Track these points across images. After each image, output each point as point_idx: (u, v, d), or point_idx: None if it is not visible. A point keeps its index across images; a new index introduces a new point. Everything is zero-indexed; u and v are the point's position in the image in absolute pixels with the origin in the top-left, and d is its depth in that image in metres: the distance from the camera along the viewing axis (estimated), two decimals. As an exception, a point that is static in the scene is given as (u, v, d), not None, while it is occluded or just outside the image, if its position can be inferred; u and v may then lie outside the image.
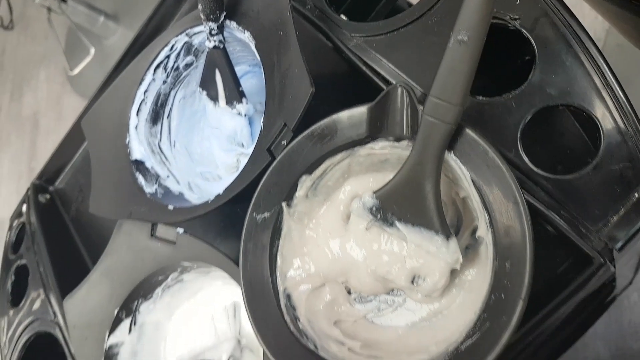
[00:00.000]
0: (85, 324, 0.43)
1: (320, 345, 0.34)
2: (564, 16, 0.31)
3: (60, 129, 2.17)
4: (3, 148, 2.41)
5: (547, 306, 0.32)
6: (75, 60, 1.96)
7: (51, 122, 2.26)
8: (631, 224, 0.30)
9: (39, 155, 2.29)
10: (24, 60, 2.39)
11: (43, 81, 2.30)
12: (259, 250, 0.37)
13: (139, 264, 0.42)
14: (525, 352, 0.45)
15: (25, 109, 2.38)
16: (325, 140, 0.35)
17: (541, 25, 0.32)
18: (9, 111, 2.42)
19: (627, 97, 0.30)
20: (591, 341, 0.85)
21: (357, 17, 0.42)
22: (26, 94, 2.36)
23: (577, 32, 0.31)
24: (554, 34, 0.32)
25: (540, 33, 0.32)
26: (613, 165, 0.30)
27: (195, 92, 0.48)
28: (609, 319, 0.84)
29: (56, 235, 0.58)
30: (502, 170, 0.28)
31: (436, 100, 0.29)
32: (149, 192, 0.44)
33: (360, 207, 0.35)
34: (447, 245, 0.33)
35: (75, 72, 1.94)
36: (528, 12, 0.32)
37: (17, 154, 2.37)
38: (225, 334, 0.42)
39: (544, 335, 0.44)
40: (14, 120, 2.41)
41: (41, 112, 2.30)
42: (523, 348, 0.42)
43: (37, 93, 2.32)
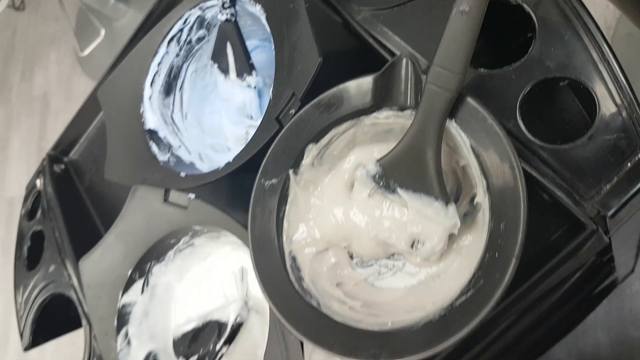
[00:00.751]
0: (99, 283, 0.45)
1: (323, 303, 0.36)
2: (564, -8, 0.33)
3: (70, 109, 2.19)
4: (13, 128, 2.44)
5: (540, 270, 0.34)
6: (86, 42, 1.97)
7: (61, 103, 2.29)
8: (623, 192, 0.31)
9: (49, 135, 2.31)
10: (35, 41, 2.41)
11: (53, 62, 2.32)
12: (267, 214, 0.39)
13: (152, 227, 0.44)
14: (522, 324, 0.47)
15: (35, 89, 2.40)
16: (332, 110, 0.37)
17: (542, 0, 0.33)
18: (20, 91, 2.44)
19: (623, 70, 0.31)
20: (591, 328, 0.86)
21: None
22: (37, 74, 2.38)
23: (576, 7, 0.32)
24: (554, 9, 0.33)
25: (541, 8, 0.33)
26: (607, 135, 0.31)
27: (206, 66, 0.50)
28: (610, 307, 0.85)
29: (70, 204, 0.60)
30: (500, 136, 0.30)
31: (439, 69, 0.31)
32: (162, 160, 0.45)
33: (364, 174, 0.37)
34: (446, 211, 0.34)
35: (86, 53, 1.95)
36: (530, -13, 0.34)
37: (28, 134, 2.40)
38: (232, 296, 0.44)
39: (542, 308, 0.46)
40: (25, 100, 2.44)
41: (51, 93, 2.32)
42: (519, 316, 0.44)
43: (48, 74, 2.34)
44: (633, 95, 0.31)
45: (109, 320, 0.45)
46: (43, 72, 2.34)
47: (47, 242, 0.58)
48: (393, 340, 0.32)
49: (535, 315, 0.47)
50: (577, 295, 0.55)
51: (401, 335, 0.32)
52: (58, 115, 2.26)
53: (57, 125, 2.24)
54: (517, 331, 0.48)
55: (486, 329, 0.39)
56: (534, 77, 0.33)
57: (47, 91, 2.33)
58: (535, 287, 0.35)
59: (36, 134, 2.37)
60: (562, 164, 0.32)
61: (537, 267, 0.34)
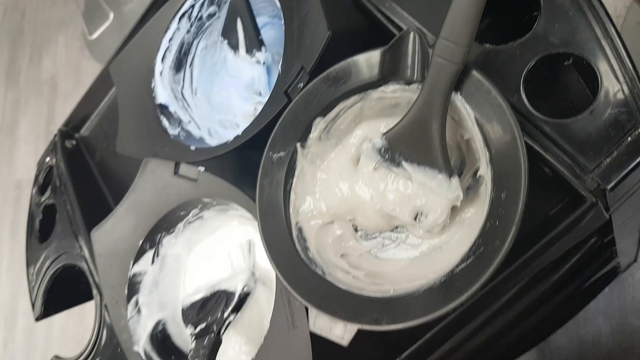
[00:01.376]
0: (111, 253, 0.47)
1: (328, 272, 0.37)
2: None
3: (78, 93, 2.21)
4: (22, 111, 2.46)
5: (540, 242, 0.35)
6: (94, 25, 1.98)
7: (69, 87, 2.30)
8: (623, 165, 0.32)
9: (57, 119, 2.33)
10: (43, 25, 2.42)
11: (62, 46, 2.33)
12: (274, 186, 0.40)
13: (162, 199, 0.45)
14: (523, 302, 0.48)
15: (44, 72, 2.41)
16: (340, 83, 0.38)
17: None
18: (28, 75, 2.46)
19: (625, 46, 0.32)
20: (592, 316, 0.87)
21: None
22: (45, 58, 2.40)
23: (582, -16, 0.33)
24: (559, -15, 0.34)
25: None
26: (609, 110, 0.32)
27: (216, 43, 0.51)
28: (612, 295, 0.86)
29: (81, 179, 0.61)
30: (503, 108, 0.31)
31: (445, 42, 0.32)
32: (172, 134, 0.46)
33: (370, 148, 0.38)
34: (449, 183, 0.35)
35: (94, 37, 1.96)
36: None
37: (35, 117, 2.42)
38: (240, 267, 0.46)
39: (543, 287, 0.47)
40: (33, 83, 2.45)
41: (59, 76, 2.34)
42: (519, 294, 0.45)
43: (56, 57, 2.35)
44: (635, 71, 0.32)
45: (119, 289, 0.47)
46: (51, 55, 2.36)
47: (59, 215, 0.59)
48: (394, 305, 0.33)
49: (536, 294, 0.48)
50: (578, 277, 0.56)
51: (402, 301, 0.33)
52: (66, 99, 2.28)
53: (65, 109, 2.26)
54: (517, 310, 0.49)
55: (487, 301, 0.40)
56: (538, 53, 0.34)
57: (55, 75, 2.34)
58: (535, 259, 0.36)
59: (44, 118, 2.38)
60: (564, 137, 0.33)
61: (538, 239, 0.35)
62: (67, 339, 2.11)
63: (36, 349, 2.27)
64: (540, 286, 0.47)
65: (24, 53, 2.51)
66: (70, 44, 2.30)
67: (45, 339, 2.27)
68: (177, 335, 0.48)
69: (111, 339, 0.52)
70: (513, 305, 0.47)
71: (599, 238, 0.44)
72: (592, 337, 0.87)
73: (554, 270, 0.46)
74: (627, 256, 0.65)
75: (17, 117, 2.49)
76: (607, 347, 0.86)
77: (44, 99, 2.42)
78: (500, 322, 0.48)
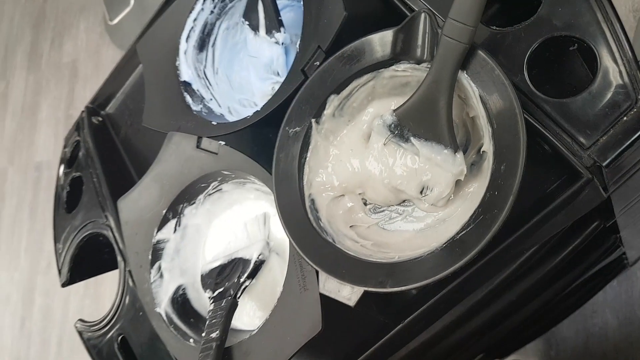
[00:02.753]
0: (136, 220, 0.51)
1: (338, 240, 0.41)
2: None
3: (97, 77, 2.27)
4: (43, 94, 2.53)
5: (538, 215, 0.37)
6: (115, 11, 2.03)
7: (89, 71, 2.36)
8: (618, 143, 0.34)
9: (76, 103, 2.39)
10: (65, 9, 2.48)
11: (82, 31, 2.39)
12: (290, 159, 0.43)
13: (185, 171, 0.49)
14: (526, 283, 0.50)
15: (65, 57, 2.47)
16: (354, 62, 0.40)
17: (554, -37, 0.36)
18: (50, 59, 2.52)
19: (624, 29, 0.34)
20: (600, 309, 0.89)
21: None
22: (66, 42, 2.46)
23: (585, -30, 0.35)
24: (564, -29, 0.36)
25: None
26: (606, 90, 0.35)
27: (237, 24, 0.54)
28: (620, 289, 0.88)
29: (107, 153, 0.65)
30: (505, 85, 0.33)
31: (453, 22, 0.34)
32: (195, 110, 0.50)
33: (380, 124, 0.41)
34: (454, 158, 0.38)
35: (115, 22, 2.01)
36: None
37: (56, 101, 2.48)
38: (256, 237, 0.49)
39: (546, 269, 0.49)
40: (54, 67, 2.51)
41: (80, 61, 2.39)
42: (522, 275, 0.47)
43: (77, 42, 2.41)
44: (633, 54, 0.34)
45: (144, 254, 0.50)
46: (72, 40, 2.42)
47: (86, 186, 0.63)
48: (398, 270, 0.36)
49: (539, 275, 0.51)
50: (582, 263, 0.58)
51: (406, 265, 0.36)
52: (86, 84, 2.34)
53: (85, 93, 2.32)
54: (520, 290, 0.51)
55: (488, 274, 0.43)
56: (542, 35, 0.36)
57: (76, 59, 2.40)
58: (534, 232, 0.38)
59: (64, 101, 2.45)
60: (563, 116, 0.36)
61: (536, 212, 0.37)
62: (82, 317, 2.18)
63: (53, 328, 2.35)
64: (542, 267, 0.49)
65: (45, 37, 2.57)
66: (91, 29, 2.35)
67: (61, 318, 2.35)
68: (195, 300, 0.52)
69: (133, 302, 0.56)
70: (515, 284, 0.49)
71: (601, 222, 0.47)
72: (599, 330, 0.89)
73: (556, 251, 0.48)
74: (636, 249, 0.66)
75: (38, 99, 2.57)
76: (614, 340, 0.87)
77: (65, 82, 2.49)
78: (503, 301, 0.51)
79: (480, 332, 0.59)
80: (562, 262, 0.49)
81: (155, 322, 0.49)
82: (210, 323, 0.44)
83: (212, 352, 0.42)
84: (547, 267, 0.50)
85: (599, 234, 0.47)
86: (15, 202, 2.56)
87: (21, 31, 2.64)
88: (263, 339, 0.42)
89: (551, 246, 0.47)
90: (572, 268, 0.60)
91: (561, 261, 0.49)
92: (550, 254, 0.48)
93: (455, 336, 0.52)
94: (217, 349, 0.42)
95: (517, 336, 0.82)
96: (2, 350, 2.51)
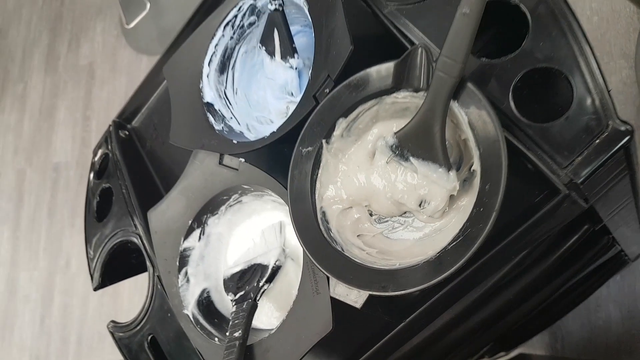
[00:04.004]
0: (165, 230, 0.58)
1: (346, 249, 0.47)
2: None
3: (114, 80, 2.36)
4: (60, 96, 2.63)
5: (522, 226, 0.43)
6: (131, 14, 2.11)
7: (106, 73, 2.45)
8: (591, 163, 0.40)
9: (94, 104, 2.49)
10: (82, 12, 2.57)
11: (99, 33, 2.48)
12: (303, 175, 0.49)
13: (208, 185, 0.56)
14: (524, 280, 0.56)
15: (82, 59, 2.57)
16: (359, 90, 0.47)
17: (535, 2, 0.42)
18: (67, 61, 2.62)
19: (598, 62, 0.40)
20: (604, 303, 0.95)
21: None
22: (83, 44, 2.55)
23: (564, 9, 0.41)
24: (545, 10, 0.42)
25: (534, 8, 0.42)
26: (581, 117, 0.40)
27: (255, 48, 0.60)
28: (623, 283, 0.93)
29: (134, 165, 0.72)
30: (490, 115, 0.39)
31: (445, 59, 0.40)
32: (217, 129, 0.57)
33: (383, 144, 0.47)
34: (448, 176, 0.44)
35: (131, 26, 2.10)
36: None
37: (73, 102, 2.58)
38: (272, 244, 0.56)
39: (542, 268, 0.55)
40: (71, 69, 2.61)
41: (97, 63, 2.49)
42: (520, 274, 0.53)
43: (94, 44, 2.50)
44: (604, 85, 0.40)
45: (172, 261, 0.58)
46: (89, 42, 2.51)
47: (115, 197, 0.71)
48: (398, 276, 0.43)
49: (534, 275, 0.57)
50: (577, 262, 0.64)
51: (405, 272, 0.42)
52: (103, 85, 2.43)
53: (102, 95, 2.41)
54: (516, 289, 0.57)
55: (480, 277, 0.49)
56: (525, 67, 0.42)
57: (93, 61, 2.49)
58: (519, 241, 0.44)
59: (81, 103, 2.55)
60: (544, 139, 0.41)
61: (521, 224, 0.44)
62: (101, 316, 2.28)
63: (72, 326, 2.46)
64: (536, 268, 0.55)
65: (62, 40, 2.67)
66: (107, 31, 2.44)
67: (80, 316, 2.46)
68: (219, 302, 0.59)
69: (162, 305, 0.63)
70: (510, 284, 0.56)
71: (591, 225, 0.53)
72: (603, 323, 0.94)
73: (550, 253, 0.54)
74: (634, 246, 0.72)
75: (55, 101, 2.67)
76: (617, 332, 0.93)
77: (82, 84, 2.58)
78: (501, 299, 0.57)
79: (483, 327, 0.65)
80: (556, 262, 0.55)
81: (184, 323, 0.56)
82: (233, 323, 0.51)
83: (235, 350, 0.49)
84: (542, 267, 0.56)
85: (591, 235, 0.53)
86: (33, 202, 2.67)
87: (38, 34, 2.75)
88: (280, 337, 0.49)
89: (544, 249, 0.53)
90: (568, 267, 0.66)
91: (555, 262, 0.55)
92: (544, 256, 0.54)
93: (457, 332, 0.59)
94: (240, 347, 0.49)
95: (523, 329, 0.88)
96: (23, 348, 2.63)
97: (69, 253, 2.49)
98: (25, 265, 2.67)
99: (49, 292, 2.60)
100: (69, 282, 2.47)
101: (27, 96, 2.79)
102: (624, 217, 0.57)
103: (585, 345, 0.94)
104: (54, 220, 2.66)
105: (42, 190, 2.66)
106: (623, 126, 0.40)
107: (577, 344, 0.95)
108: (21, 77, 2.84)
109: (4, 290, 2.77)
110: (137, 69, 2.30)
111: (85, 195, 0.79)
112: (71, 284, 2.45)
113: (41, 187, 2.66)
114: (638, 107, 1.02)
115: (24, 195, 2.73)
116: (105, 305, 2.36)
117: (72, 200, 2.52)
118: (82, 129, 2.50)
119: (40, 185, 2.67)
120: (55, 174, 2.68)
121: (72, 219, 2.51)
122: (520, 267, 0.51)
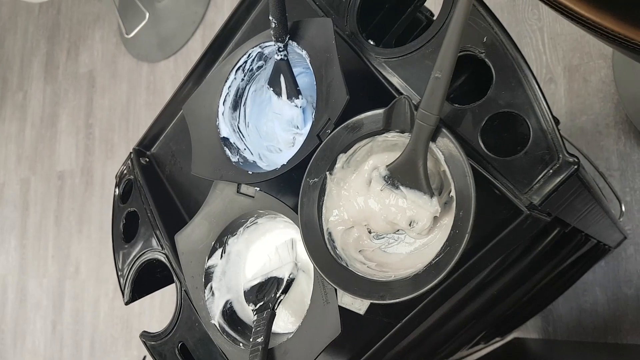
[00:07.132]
0: (190, 251, 0.69)
1: (350, 264, 0.58)
2: (513, 53, 0.52)
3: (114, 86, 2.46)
4: (61, 104, 2.72)
5: (493, 240, 0.55)
6: (131, 24, 2.21)
7: (106, 81, 2.54)
8: (545, 188, 0.52)
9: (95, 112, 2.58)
10: (79, 20, 2.65)
11: (98, 41, 2.57)
12: (311, 202, 0.61)
13: (228, 211, 0.67)
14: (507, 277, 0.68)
15: (81, 67, 2.66)
16: (356, 130, 0.58)
17: (498, 57, 0.53)
18: (66, 69, 2.70)
19: (549, 107, 0.51)
20: (590, 287, 1.07)
21: (377, 36, 0.63)
22: (82, 53, 2.64)
23: (520, 64, 0.52)
24: (505, 64, 0.53)
25: (497, 62, 0.53)
26: (537, 151, 0.52)
27: (263, 87, 0.72)
28: (607, 268, 1.05)
29: (156, 189, 0.84)
30: (460, 155, 0.51)
31: (423, 111, 0.51)
32: (234, 161, 0.68)
33: (377, 175, 0.58)
34: (431, 201, 0.55)
35: (131, 35, 2.20)
36: (490, 49, 0.53)
37: (75, 110, 2.68)
38: (286, 259, 0.67)
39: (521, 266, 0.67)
40: (71, 77, 2.70)
41: (96, 71, 2.58)
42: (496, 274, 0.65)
43: (93, 52, 2.59)
44: (554, 126, 0.51)
45: (198, 278, 0.69)
46: (88, 50, 2.60)
47: (141, 219, 0.82)
48: (393, 286, 0.54)
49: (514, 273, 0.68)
50: (555, 257, 0.75)
51: (398, 283, 0.54)
52: (104, 93, 2.53)
53: (103, 102, 2.51)
54: (499, 286, 0.69)
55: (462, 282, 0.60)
56: (491, 111, 0.53)
57: (93, 69, 2.58)
58: (492, 251, 0.56)
59: (83, 110, 2.64)
60: (507, 170, 0.53)
61: (492, 238, 0.55)
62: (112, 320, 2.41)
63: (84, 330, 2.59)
64: (514, 268, 0.67)
65: (61, 48, 2.75)
66: (106, 39, 2.53)
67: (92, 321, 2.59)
68: (241, 312, 0.70)
69: (189, 316, 0.75)
70: (491, 284, 0.67)
71: (562, 228, 0.64)
72: (590, 306, 1.06)
73: (526, 254, 0.66)
74: (613, 236, 0.83)
75: (57, 109, 2.76)
76: (604, 314, 1.05)
77: (83, 92, 2.68)
78: (486, 295, 0.69)
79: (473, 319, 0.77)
80: (534, 261, 0.67)
81: (212, 332, 0.68)
82: (256, 330, 0.63)
83: (259, 354, 0.61)
84: (520, 267, 0.68)
85: (564, 235, 0.65)
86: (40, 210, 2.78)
87: (36, 42, 2.84)
88: (297, 341, 0.61)
89: (520, 252, 0.65)
90: (547, 263, 0.78)
91: (532, 261, 0.66)
92: (521, 257, 0.66)
93: (450, 325, 0.71)
94: (263, 350, 0.61)
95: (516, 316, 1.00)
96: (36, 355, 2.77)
97: (77, 259, 2.60)
98: (35, 273, 2.78)
99: (60, 299, 2.72)
100: (79, 287, 2.58)
101: (27, 105, 2.88)
102: (592, 218, 0.68)
103: (575, 327, 1.06)
104: (61, 228, 2.77)
105: (48, 198, 2.76)
106: (571, 158, 0.51)
107: (567, 326, 1.07)
108: (20, 86, 2.93)
109: (15, 298, 2.90)
110: (138, 75, 2.40)
111: (112, 218, 0.90)
112: (81, 290, 2.57)
113: (46, 195, 2.77)
114: (616, 104, 1.12)
115: (29, 203, 2.83)
116: (117, 309, 2.47)
117: (78, 208, 2.63)
118: (85, 137, 2.60)
119: (45, 194, 2.77)
120: (60, 181, 2.77)
121: (79, 225, 2.62)
122: (500, 268, 0.62)
